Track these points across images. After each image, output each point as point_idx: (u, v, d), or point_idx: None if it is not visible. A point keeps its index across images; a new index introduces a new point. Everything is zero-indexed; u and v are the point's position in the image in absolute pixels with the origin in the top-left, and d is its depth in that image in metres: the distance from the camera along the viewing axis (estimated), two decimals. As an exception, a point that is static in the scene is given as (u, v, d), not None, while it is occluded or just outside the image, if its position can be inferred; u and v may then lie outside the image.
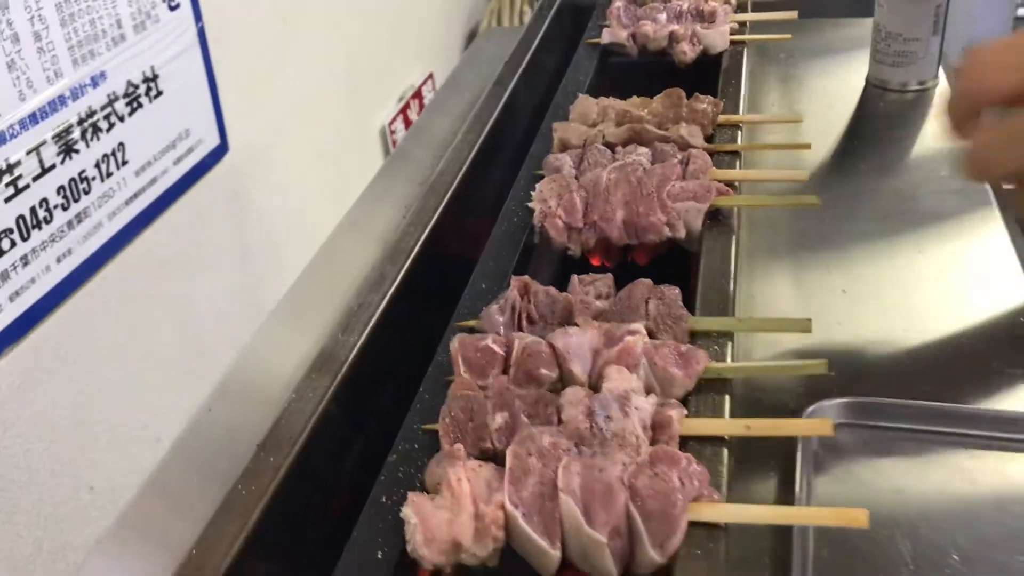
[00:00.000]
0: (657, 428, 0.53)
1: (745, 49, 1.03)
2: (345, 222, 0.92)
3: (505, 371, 0.60)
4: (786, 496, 0.63)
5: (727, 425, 0.54)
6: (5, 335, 0.92)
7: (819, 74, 1.14)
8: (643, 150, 0.84)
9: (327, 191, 1.57)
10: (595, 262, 0.81)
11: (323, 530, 0.58)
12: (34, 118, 0.94)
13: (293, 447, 0.56)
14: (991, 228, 0.89)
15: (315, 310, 0.74)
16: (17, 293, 0.94)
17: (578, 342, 0.58)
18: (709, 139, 0.85)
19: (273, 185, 1.42)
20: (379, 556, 0.50)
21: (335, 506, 0.60)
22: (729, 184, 0.79)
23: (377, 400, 0.66)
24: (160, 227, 1.15)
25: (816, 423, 0.57)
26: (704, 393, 0.58)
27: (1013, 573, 0.59)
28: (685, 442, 0.54)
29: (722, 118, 0.86)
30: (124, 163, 1.08)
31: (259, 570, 0.53)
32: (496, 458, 0.54)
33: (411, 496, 0.50)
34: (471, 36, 2.25)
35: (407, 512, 0.49)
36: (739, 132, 0.87)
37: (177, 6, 1.15)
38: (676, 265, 0.79)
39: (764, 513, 0.51)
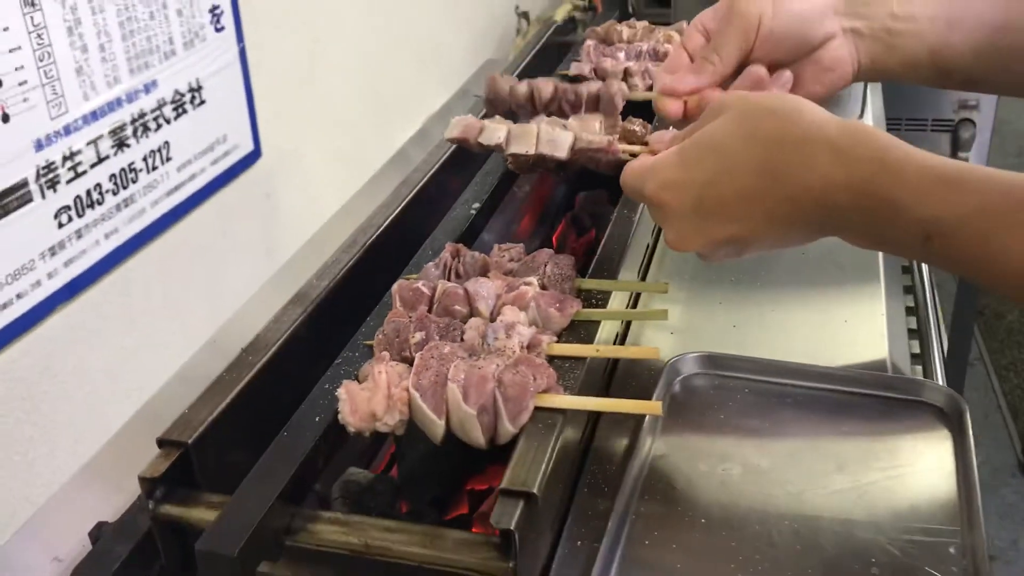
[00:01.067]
0: (531, 347, 0.72)
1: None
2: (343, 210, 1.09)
3: (430, 308, 0.79)
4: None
5: (583, 349, 0.73)
6: (57, 295, 1.03)
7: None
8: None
9: (350, 205, 1.64)
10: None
11: (282, 405, 0.77)
12: (95, 115, 1.05)
13: (267, 351, 0.75)
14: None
15: (304, 267, 0.92)
16: (71, 260, 1.05)
17: (486, 288, 0.77)
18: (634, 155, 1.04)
19: (300, 190, 1.53)
20: (316, 420, 0.69)
21: (293, 392, 0.78)
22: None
23: (334, 325, 0.85)
24: (196, 218, 1.26)
25: (646, 349, 0.76)
26: (575, 330, 0.77)
27: (815, 476, 0.77)
28: (553, 360, 0.73)
29: (650, 137, 1.05)
30: (168, 159, 1.18)
31: (231, 426, 0.71)
32: (412, 364, 0.73)
33: (345, 382, 0.69)
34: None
35: (340, 392, 0.68)
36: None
37: (222, 28, 1.27)
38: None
39: (586, 402, 0.70)
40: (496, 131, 1.01)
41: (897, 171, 0.73)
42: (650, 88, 1.23)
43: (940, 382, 0.92)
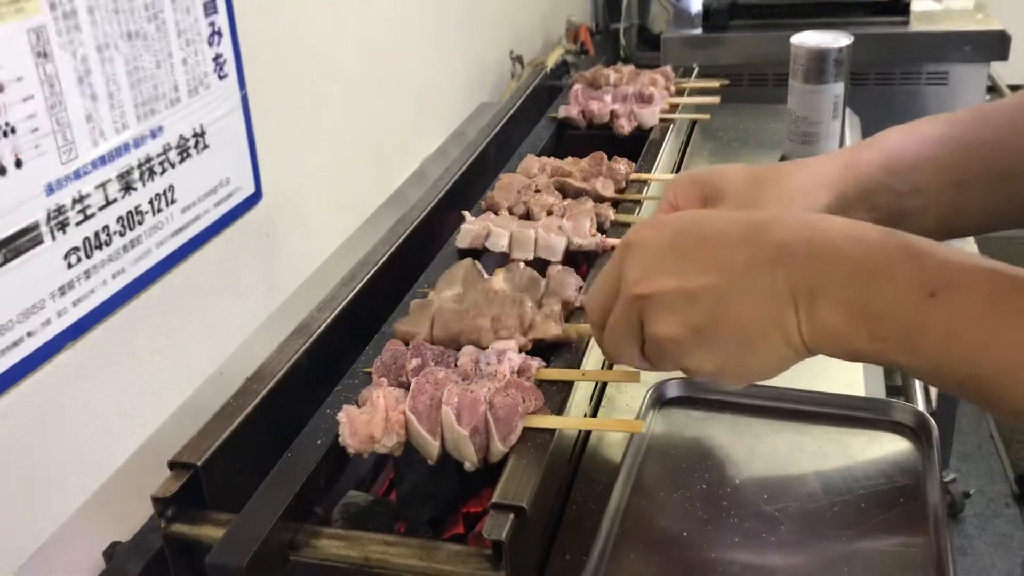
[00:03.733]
0: (521, 372, 0.77)
1: (672, 125, 1.28)
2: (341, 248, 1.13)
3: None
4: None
5: (570, 373, 0.78)
6: (66, 334, 1.07)
7: (746, 148, 1.36)
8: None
9: (348, 243, 1.66)
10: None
11: (285, 430, 0.81)
12: (103, 160, 1.08)
13: (271, 379, 0.79)
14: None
15: (303, 303, 0.96)
16: (79, 300, 1.08)
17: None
18: (621, 191, 1.09)
19: (301, 230, 1.57)
20: (318, 443, 0.73)
21: (295, 417, 0.83)
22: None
23: (335, 355, 0.89)
24: (199, 257, 1.30)
25: (627, 372, 0.80)
26: (563, 356, 0.82)
27: (794, 494, 0.80)
28: (542, 383, 0.78)
29: (634, 175, 1.10)
30: (173, 202, 1.22)
31: (238, 449, 0.76)
32: (408, 389, 0.77)
33: (345, 407, 0.73)
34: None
35: (340, 415, 0.72)
36: (647, 186, 1.11)
37: (225, 76, 1.32)
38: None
39: (573, 421, 0.74)
40: (500, 238, 1.10)
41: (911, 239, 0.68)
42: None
43: (921, 407, 0.95)
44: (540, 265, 1.03)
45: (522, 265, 0.98)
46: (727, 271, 0.69)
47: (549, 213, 1.12)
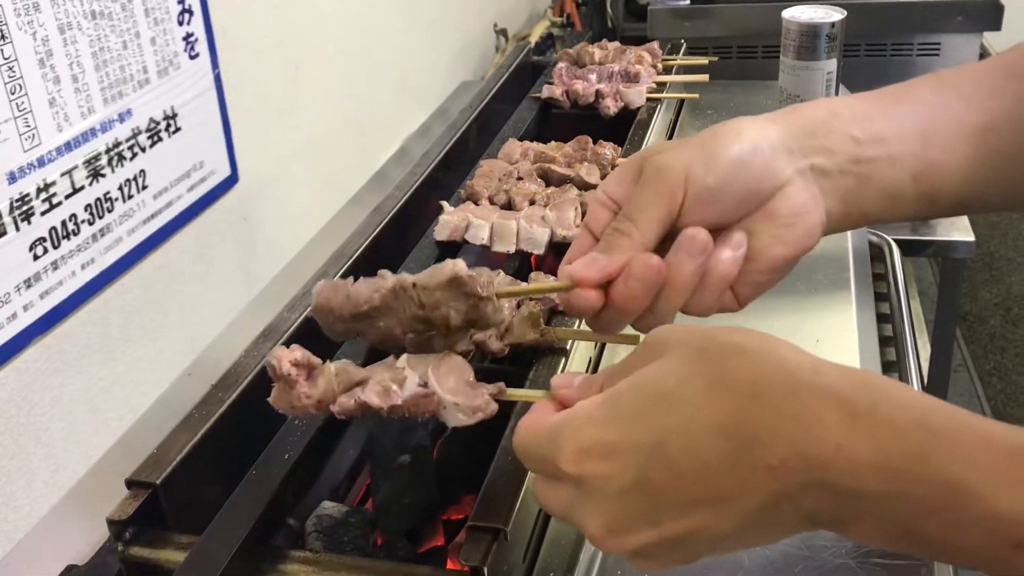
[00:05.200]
0: None
1: (660, 105, 1.23)
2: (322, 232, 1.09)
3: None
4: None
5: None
6: (34, 327, 1.04)
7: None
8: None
9: (331, 224, 1.64)
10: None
11: (252, 440, 0.77)
12: (68, 146, 1.05)
13: (237, 387, 0.75)
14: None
15: (283, 292, 0.92)
16: (47, 292, 1.04)
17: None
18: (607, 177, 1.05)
19: (280, 212, 1.54)
20: (285, 457, 0.69)
21: (263, 427, 0.79)
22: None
23: None
24: (173, 244, 1.27)
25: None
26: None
27: None
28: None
29: (620, 160, 1.06)
30: (144, 187, 1.18)
31: (201, 464, 0.72)
32: None
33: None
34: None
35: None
36: None
37: (197, 55, 1.28)
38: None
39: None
40: (480, 230, 1.03)
41: (954, 443, 0.51)
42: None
43: (916, 387, 0.92)
44: (523, 258, 0.99)
45: (501, 273, 0.93)
46: (716, 508, 0.55)
47: (532, 202, 1.07)
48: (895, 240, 1.42)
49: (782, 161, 0.71)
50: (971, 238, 2.14)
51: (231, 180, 1.40)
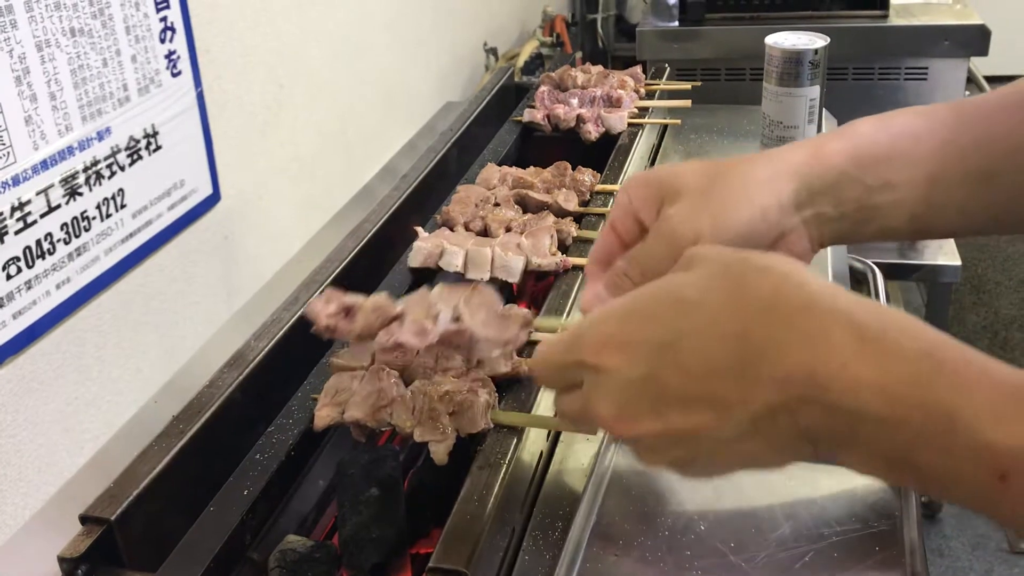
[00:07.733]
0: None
1: (641, 131, 1.22)
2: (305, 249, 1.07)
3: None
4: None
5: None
6: (6, 347, 1.02)
7: (719, 154, 1.30)
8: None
9: (314, 241, 1.62)
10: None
11: (213, 473, 0.76)
12: (45, 164, 1.03)
13: (200, 418, 0.74)
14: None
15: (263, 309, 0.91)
16: (20, 312, 1.03)
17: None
18: (586, 203, 1.04)
19: (263, 231, 1.52)
20: (244, 493, 0.68)
21: (230, 456, 0.77)
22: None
23: (271, 390, 0.84)
24: (153, 264, 1.25)
25: None
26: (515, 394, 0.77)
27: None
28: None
29: (599, 187, 1.05)
30: (123, 206, 1.17)
31: (158, 498, 0.70)
32: None
33: None
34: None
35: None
36: (612, 199, 1.05)
37: (179, 73, 1.26)
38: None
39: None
40: (455, 257, 1.03)
41: (957, 374, 0.53)
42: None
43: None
44: (498, 286, 0.97)
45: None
46: (718, 411, 0.58)
47: (508, 229, 1.06)
48: (882, 264, 1.42)
49: (789, 216, 0.75)
50: (958, 262, 2.14)
51: (213, 199, 1.38)
